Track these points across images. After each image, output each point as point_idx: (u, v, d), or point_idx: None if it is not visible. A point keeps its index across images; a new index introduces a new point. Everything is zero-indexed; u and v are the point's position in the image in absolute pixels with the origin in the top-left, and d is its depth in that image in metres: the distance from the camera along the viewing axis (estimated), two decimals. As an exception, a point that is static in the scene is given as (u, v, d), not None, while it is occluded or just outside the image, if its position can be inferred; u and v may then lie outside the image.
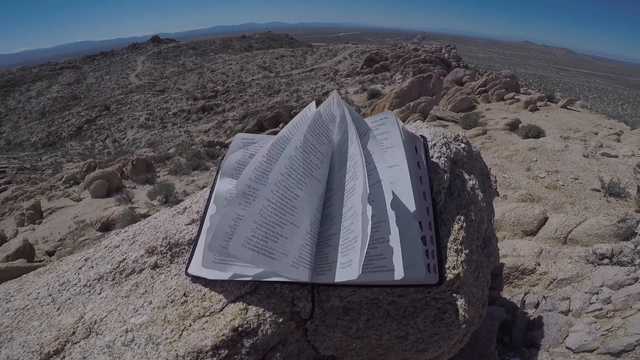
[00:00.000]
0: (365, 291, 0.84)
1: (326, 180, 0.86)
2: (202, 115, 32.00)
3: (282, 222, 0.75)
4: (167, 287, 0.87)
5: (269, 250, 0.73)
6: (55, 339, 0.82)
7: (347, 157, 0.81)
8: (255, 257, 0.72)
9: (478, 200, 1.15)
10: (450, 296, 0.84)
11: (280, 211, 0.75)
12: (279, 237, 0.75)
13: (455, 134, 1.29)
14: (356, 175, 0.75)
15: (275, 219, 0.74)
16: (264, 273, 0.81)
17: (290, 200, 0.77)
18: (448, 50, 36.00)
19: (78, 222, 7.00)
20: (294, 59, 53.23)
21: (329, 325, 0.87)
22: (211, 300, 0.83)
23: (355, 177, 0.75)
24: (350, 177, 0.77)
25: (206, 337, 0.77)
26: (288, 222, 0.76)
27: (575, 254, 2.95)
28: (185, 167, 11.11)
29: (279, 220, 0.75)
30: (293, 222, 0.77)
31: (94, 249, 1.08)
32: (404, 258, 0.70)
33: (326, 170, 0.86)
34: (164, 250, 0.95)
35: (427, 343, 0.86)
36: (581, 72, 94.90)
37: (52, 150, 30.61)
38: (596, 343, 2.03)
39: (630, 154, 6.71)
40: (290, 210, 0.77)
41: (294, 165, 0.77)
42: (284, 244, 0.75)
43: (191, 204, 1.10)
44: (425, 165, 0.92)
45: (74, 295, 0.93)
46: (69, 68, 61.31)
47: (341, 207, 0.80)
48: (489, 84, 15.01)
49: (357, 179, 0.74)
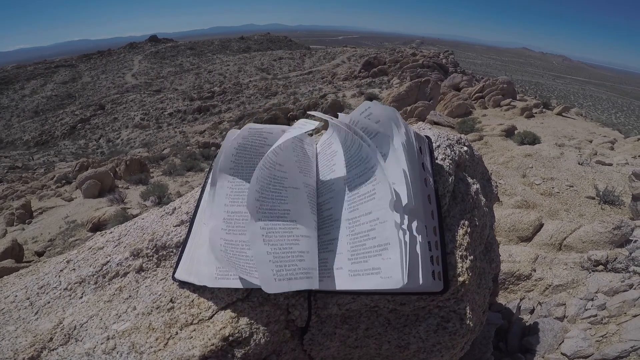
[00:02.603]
0: (365, 299, 0.80)
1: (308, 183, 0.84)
2: (198, 116, 31.84)
3: (295, 241, 0.74)
4: (152, 292, 0.82)
5: (306, 273, 0.72)
6: (30, 345, 0.76)
7: (359, 159, 0.78)
8: (299, 283, 0.71)
9: (481, 205, 1.11)
10: (454, 304, 0.80)
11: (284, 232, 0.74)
12: (302, 254, 0.73)
13: (458, 136, 1.26)
14: (376, 179, 0.73)
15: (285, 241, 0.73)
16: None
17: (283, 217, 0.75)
18: (446, 55, 36.30)
19: (69, 223, 6.88)
20: (292, 61, 53.29)
21: (326, 334, 0.82)
22: (200, 307, 0.78)
23: (376, 181, 0.73)
24: (367, 181, 0.75)
25: (194, 347, 0.71)
26: (300, 237, 0.75)
27: (571, 260, 2.94)
28: (179, 168, 11.02)
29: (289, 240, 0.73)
30: (303, 234, 0.76)
31: (77, 251, 1.02)
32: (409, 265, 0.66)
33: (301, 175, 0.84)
34: (150, 253, 0.90)
35: (429, 352, 0.81)
36: (577, 79, 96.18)
37: (44, 149, 30.23)
38: (591, 349, 2.01)
39: (624, 162, 6.77)
40: (293, 224, 0.75)
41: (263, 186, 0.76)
42: (310, 259, 0.74)
43: (181, 204, 1.05)
44: (430, 167, 0.88)
45: (54, 299, 0.88)
46: (64, 66, 60.80)
47: (349, 211, 0.77)
48: (486, 90, 15.11)
49: (379, 183, 0.72)
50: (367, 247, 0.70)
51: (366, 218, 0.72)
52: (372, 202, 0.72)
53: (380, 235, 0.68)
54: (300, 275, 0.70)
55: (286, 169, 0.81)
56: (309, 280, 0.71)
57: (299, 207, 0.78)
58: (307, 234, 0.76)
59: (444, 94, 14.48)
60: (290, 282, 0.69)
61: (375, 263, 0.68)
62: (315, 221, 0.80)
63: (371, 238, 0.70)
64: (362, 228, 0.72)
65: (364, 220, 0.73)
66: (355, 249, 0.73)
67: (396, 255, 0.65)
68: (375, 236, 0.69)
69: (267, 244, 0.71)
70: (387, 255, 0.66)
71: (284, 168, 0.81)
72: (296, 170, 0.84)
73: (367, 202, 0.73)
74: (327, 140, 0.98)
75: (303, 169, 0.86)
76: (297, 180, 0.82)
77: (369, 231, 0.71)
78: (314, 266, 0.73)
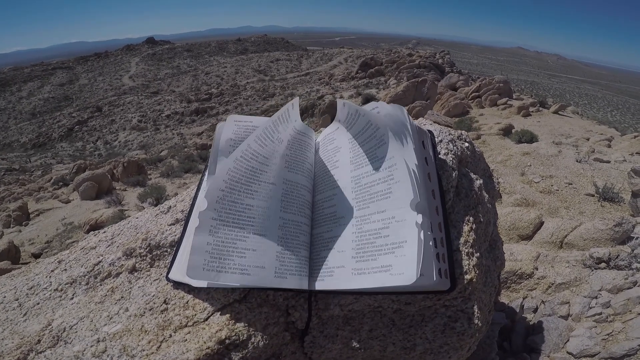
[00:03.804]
0: (369, 299, 0.76)
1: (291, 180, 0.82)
2: (195, 118, 31.77)
3: (243, 237, 0.72)
4: (145, 293, 0.78)
5: (239, 268, 0.70)
6: (17, 347, 0.72)
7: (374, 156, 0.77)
8: (228, 277, 0.69)
9: (485, 201, 1.08)
10: (461, 303, 0.76)
11: (235, 226, 0.72)
12: (245, 251, 0.71)
13: (459, 132, 1.23)
14: (394, 178, 0.71)
15: (232, 235, 0.71)
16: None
17: (243, 212, 0.74)
18: (442, 55, 36.37)
19: (66, 225, 6.82)
20: (289, 62, 53.29)
21: (327, 337, 0.79)
22: (195, 308, 0.74)
23: (393, 180, 0.71)
24: (382, 179, 0.73)
25: (188, 350, 0.68)
26: (251, 234, 0.73)
27: (572, 258, 2.92)
28: (177, 170, 10.98)
29: (237, 235, 0.72)
30: (256, 232, 0.73)
31: (70, 251, 0.99)
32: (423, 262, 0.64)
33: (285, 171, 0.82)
34: (143, 252, 0.86)
35: (437, 354, 0.78)
36: (572, 78, 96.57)
37: (41, 151, 30.08)
38: (598, 348, 1.99)
39: (622, 160, 6.77)
40: (248, 221, 0.73)
41: (234, 177, 0.75)
42: (254, 257, 0.71)
43: (176, 202, 1.01)
44: (434, 162, 0.85)
45: (43, 300, 0.84)
46: (61, 69, 60.56)
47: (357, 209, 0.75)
48: (482, 90, 15.13)
49: (397, 182, 0.70)
50: (378, 245, 0.68)
51: (379, 216, 0.70)
52: (387, 201, 0.70)
53: (395, 233, 0.66)
54: (233, 271, 0.69)
55: (269, 162, 0.80)
56: (242, 277, 0.69)
57: (268, 204, 0.77)
58: (262, 232, 0.74)
59: (441, 94, 14.50)
60: (218, 274, 0.68)
61: (386, 261, 0.65)
62: (284, 219, 0.78)
63: (383, 236, 0.68)
64: (373, 226, 0.70)
65: (375, 218, 0.71)
66: (362, 246, 0.70)
67: (412, 252, 0.63)
68: (389, 234, 0.67)
69: (212, 235, 0.70)
70: (401, 252, 0.64)
71: (268, 161, 0.79)
72: (281, 165, 0.82)
73: (381, 201, 0.71)
74: (330, 135, 0.95)
75: (291, 165, 0.84)
76: (278, 175, 0.80)
77: (382, 229, 0.69)
78: (261, 264, 0.71)
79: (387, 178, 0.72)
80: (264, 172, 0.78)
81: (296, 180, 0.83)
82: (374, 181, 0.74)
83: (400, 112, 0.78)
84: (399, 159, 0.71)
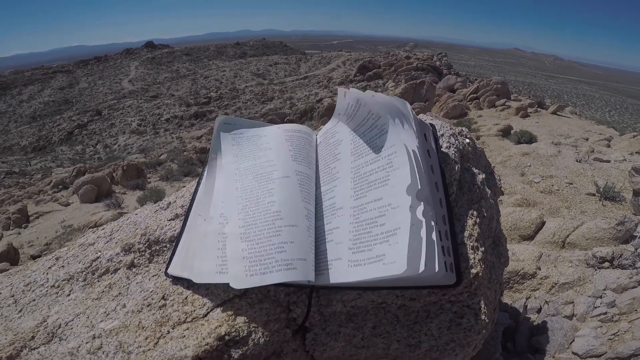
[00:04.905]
0: (372, 294, 0.74)
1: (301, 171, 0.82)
2: (194, 122, 31.78)
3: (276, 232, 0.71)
4: (143, 289, 0.76)
5: (284, 263, 0.67)
6: (10, 343, 0.71)
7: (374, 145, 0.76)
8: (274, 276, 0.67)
9: (487, 197, 1.06)
10: (467, 298, 0.74)
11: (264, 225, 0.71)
12: (283, 245, 0.69)
13: (459, 128, 1.22)
14: (393, 165, 0.70)
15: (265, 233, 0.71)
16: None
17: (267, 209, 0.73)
18: (440, 57, 36.47)
19: (65, 227, 6.80)
20: (287, 66, 53.42)
21: (330, 334, 0.77)
22: (194, 304, 0.73)
23: (392, 168, 0.70)
24: (381, 167, 0.72)
25: (186, 347, 0.66)
26: (283, 227, 0.71)
27: (575, 257, 2.89)
28: (176, 173, 10.96)
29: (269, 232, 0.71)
30: (287, 224, 0.72)
31: (68, 247, 0.97)
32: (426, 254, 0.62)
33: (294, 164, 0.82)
34: (142, 248, 0.84)
35: (442, 351, 0.76)
36: (569, 78, 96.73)
37: (42, 154, 30.06)
38: (604, 348, 1.97)
39: (622, 159, 6.76)
40: (276, 215, 0.72)
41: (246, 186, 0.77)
42: (294, 250, 0.69)
43: (176, 198, 0.99)
44: (436, 155, 0.84)
45: (40, 296, 0.82)
46: (61, 72, 60.68)
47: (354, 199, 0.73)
48: (480, 91, 15.14)
49: (396, 169, 0.68)
50: (374, 235, 0.66)
51: (375, 204, 0.68)
52: (384, 188, 0.69)
53: (390, 220, 0.64)
54: (278, 268, 0.67)
55: (276, 160, 0.79)
56: (289, 272, 0.67)
57: (288, 197, 0.75)
58: (292, 223, 0.72)
59: (439, 96, 14.52)
60: (263, 277, 0.66)
61: (381, 250, 0.63)
62: (308, 209, 0.76)
63: (379, 225, 0.66)
64: (370, 215, 0.68)
65: (372, 206, 0.69)
66: (358, 237, 0.68)
67: (404, 239, 0.61)
68: (385, 222, 0.65)
69: (244, 241, 0.68)
70: (394, 240, 0.62)
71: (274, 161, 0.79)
72: (289, 158, 0.81)
73: (378, 189, 0.69)
74: (331, 129, 0.94)
75: (297, 157, 0.84)
76: (289, 168, 0.79)
77: (378, 217, 0.67)
78: (302, 256, 0.69)
79: (386, 165, 0.71)
80: (275, 170, 0.78)
81: (304, 172, 0.82)
82: (373, 169, 0.73)
83: (401, 103, 0.77)
84: (400, 146, 0.69)
